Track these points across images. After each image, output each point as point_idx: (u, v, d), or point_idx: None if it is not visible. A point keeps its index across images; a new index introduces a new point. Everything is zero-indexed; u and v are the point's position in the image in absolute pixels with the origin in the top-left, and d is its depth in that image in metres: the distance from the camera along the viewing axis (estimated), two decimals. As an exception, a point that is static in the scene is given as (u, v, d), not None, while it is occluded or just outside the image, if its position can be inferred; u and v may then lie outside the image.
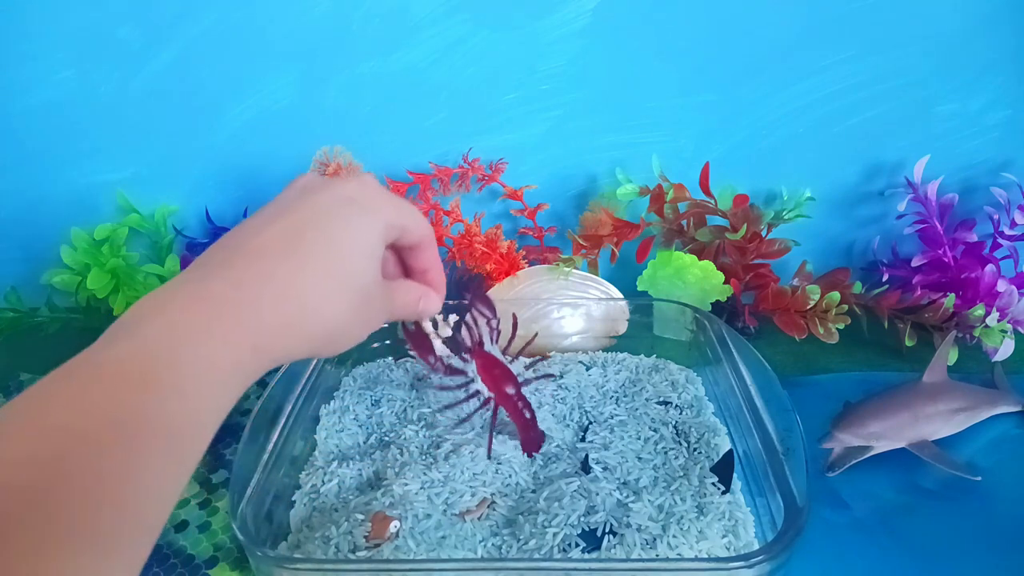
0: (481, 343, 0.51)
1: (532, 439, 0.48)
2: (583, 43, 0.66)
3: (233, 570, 0.47)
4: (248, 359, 0.28)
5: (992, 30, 0.64)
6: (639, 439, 0.53)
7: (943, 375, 0.58)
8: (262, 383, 0.42)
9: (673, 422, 0.54)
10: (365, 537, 0.44)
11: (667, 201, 0.68)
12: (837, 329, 0.64)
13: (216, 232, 0.73)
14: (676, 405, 0.57)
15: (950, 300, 0.64)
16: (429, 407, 0.56)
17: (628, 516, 0.45)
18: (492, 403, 0.50)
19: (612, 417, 0.55)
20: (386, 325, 0.38)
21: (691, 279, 0.66)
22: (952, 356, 0.62)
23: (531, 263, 0.69)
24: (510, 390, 0.48)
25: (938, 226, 0.67)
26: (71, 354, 0.25)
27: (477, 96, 0.69)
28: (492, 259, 0.68)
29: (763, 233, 0.68)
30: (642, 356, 0.64)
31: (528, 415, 0.48)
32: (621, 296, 0.66)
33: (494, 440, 0.50)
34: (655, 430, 0.54)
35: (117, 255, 0.70)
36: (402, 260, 0.41)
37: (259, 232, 0.31)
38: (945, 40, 0.65)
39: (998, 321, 0.61)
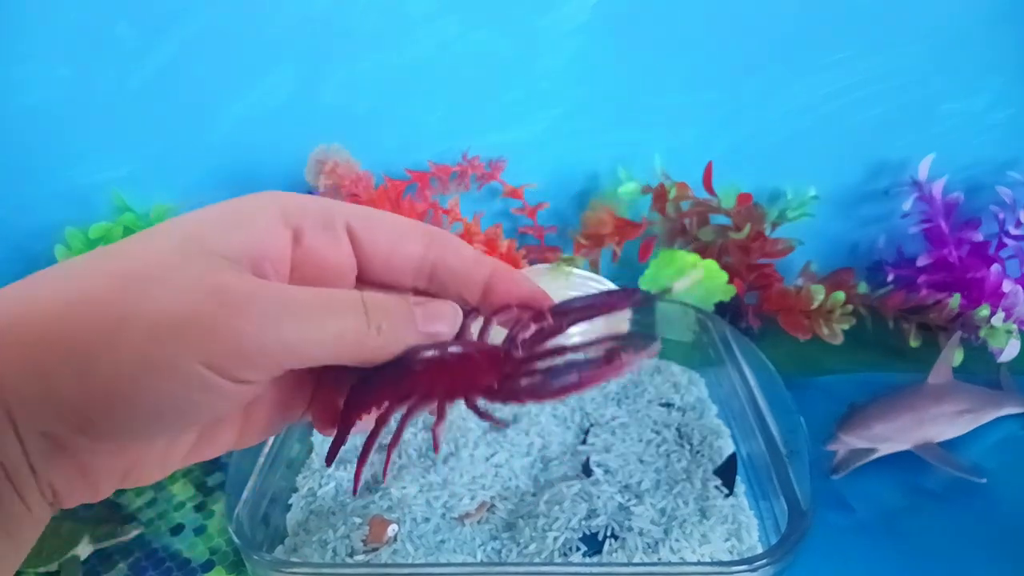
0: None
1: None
2: (584, 39, 0.65)
3: (229, 574, 0.47)
4: None
5: (995, 29, 0.63)
6: (641, 441, 0.52)
7: (948, 376, 0.57)
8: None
9: (675, 424, 0.54)
10: (363, 541, 0.43)
11: (669, 200, 0.67)
12: (842, 330, 0.63)
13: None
14: (678, 407, 0.56)
15: (955, 300, 0.63)
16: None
17: (630, 520, 0.44)
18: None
19: (613, 419, 0.55)
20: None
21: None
22: (957, 357, 0.61)
23: (531, 263, 0.69)
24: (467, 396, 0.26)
25: (943, 225, 0.66)
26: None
27: (476, 93, 0.68)
28: (492, 258, 0.67)
29: (767, 232, 0.67)
30: (644, 357, 0.63)
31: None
32: (622, 296, 0.66)
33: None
34: (657, 432, 0.53)
35: (113, 254, 0.69)
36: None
37: None
38: (948, 38, 0.64)
39: (1003, 321, 0.61)
